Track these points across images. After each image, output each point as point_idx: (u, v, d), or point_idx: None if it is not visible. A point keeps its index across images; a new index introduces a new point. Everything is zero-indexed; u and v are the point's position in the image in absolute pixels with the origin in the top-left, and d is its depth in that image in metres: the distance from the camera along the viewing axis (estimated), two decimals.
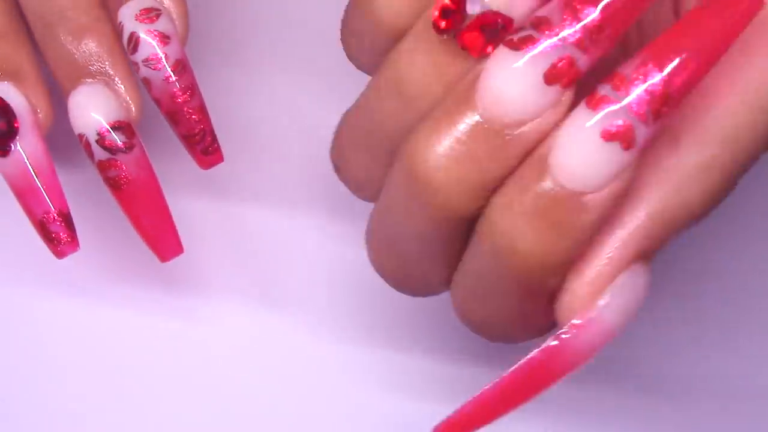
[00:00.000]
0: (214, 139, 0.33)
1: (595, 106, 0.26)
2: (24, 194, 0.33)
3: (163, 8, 0.33)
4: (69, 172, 0.37)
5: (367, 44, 0.30)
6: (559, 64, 0.26)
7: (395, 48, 0.29)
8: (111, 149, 0.32)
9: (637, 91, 0.26)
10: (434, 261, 0.30)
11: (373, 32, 0.29)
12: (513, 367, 0.27)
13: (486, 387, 0.28)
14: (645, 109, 0.26)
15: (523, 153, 0.27)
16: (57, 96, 0.34)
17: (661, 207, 0.27)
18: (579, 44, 0.26)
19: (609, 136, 0.26)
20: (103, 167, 0.33)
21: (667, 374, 0.38)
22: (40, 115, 0.33)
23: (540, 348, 0.27)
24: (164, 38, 0.32)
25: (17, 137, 0.33)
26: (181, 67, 0.33)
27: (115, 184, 0.33)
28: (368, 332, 0.39)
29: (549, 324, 0.29)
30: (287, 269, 0.39)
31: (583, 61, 0.27)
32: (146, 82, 0.33)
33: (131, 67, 0.33)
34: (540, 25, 0.27)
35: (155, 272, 0.39)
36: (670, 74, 0.26)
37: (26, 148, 0.33)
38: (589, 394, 0.37)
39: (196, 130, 0.33)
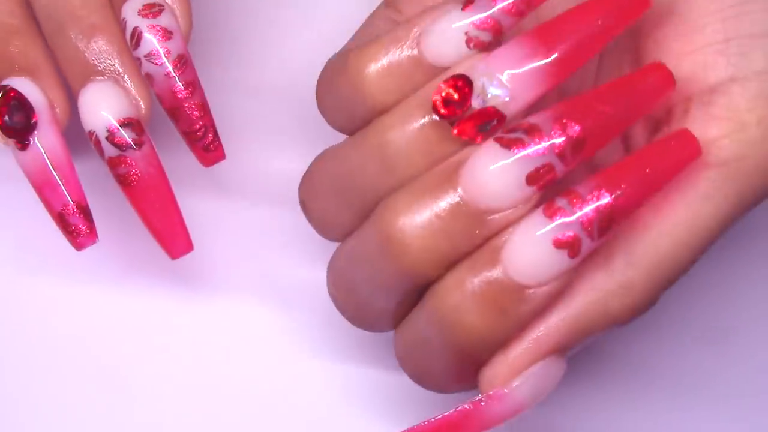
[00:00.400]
0: (216, 136, 0.33)
1: (551, 215, 0.29)
2: (43, 187, 0.33)
3: (166, 4, 0.33)
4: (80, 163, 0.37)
5: (346, 110, 0.32)
6: (541, 170, 0.29)
7: (385, 117, 0.31)
8: (121, 146, 0.32)
9: (589, 209, 0.29)
10: (387, 309, 0.32)
11: (357, 103, 0.32)
12: (430, 420, 0.31)
13: (407, 430, 0.31)
14: (593, 226, 0.29)
15: (489, 236, 0.30)
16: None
17: (583, 312, 0.30)
18: (561, 155, 0.29)
19: (559, 244, 0.29)
20: (113, 164, 0.33)
21: (667, 373, 0.40)
22: (57, 110, 0.33)
23: (456, 408, 0.30)
24: (166, 33, 0.33)
25: (36, 131, 0.33)
26: (183, 62, 0.33)
27: (125, 181, 0.33)
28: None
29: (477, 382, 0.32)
30: (291, 265, 0.40)
31: (560, 169, 0.30)
32: (148, 78, 0.33)
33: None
34: (531, 131, 0.29)
35: (161, 267, 0.39)
36: (616, 199, 0.29)
37: (44, 142, 0.33)
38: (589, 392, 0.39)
39: (197, 127, 0.33)
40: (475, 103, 0.30)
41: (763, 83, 0.30)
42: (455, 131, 0.30)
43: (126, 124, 0.33)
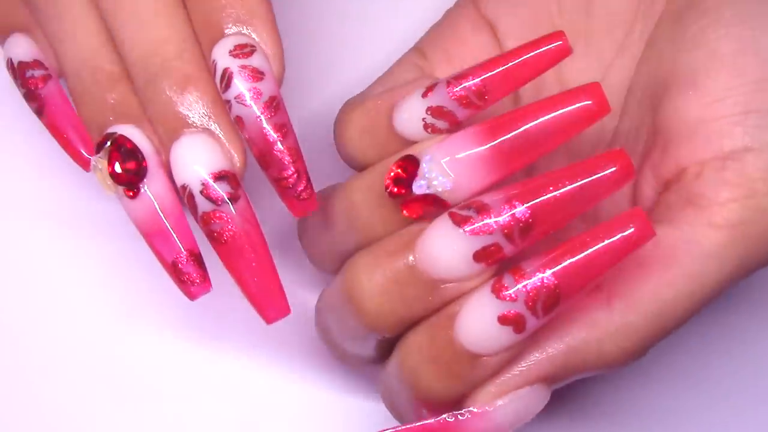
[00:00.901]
0: (309, 183, 0.31)
1: (497, 293, 0.30)
2: (154, 236, 0.32)
3: (258, 45, 0.32)
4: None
5: (343, 155, 0.34)
6: (489, 248, 0.30)
7: (354, 179, 0.33)
8: (215, 201, 0.31)
9: (531, 287, 0.30)
10: (362, 354, 0.34)
11: (348, 155, 0.34)
12: (412, 424, 0.32)
13: (386, 429, 0.32)
14: (536, 304, 0.30)
15: (442, 303, 0.31)
16: None
17: (576, 348, 0.31)
18: (509, 236, 0.30)
19: (504, 320, 0.30)
20: (206, 220, 0.31)
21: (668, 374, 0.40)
22: (162, 157, 0.32)
23: (437, 418, 0.31)
24: (258, 74, 0.31)
25: (145, 178, 0.32)
26: (275, 105, 0.31)
27: (218, 239, 0.31)
28: None
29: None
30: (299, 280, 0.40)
31: (508, 249, 0.30)
32: (238, 121, 0.31)
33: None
34: (481, 210, 0.30)
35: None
36: (559, 279, 0.30)
37: (154, 189, 0.32)
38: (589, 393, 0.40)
39: (290, 173, 0.31)
40: (418, 188, 0.31)
41: None
42: (403, 211, 0.32)
43: (221, 177, 0.31)
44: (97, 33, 0.32)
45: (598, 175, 0.30)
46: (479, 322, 0.31)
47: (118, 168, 0.31)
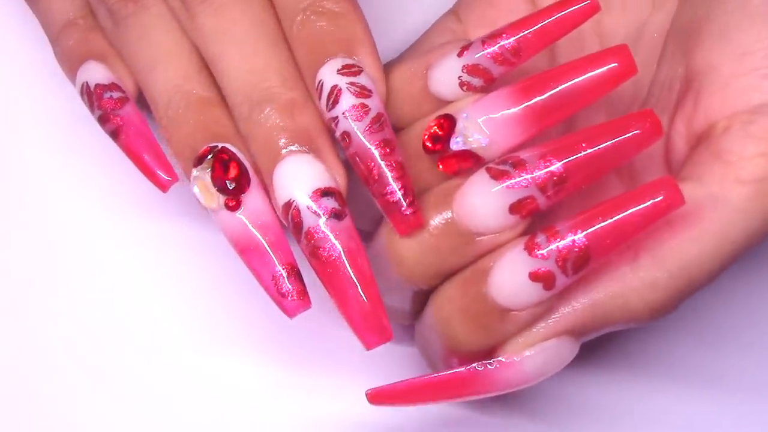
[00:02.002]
0: (415, 199, 0.32)
1: (530, 250, 0.31)
2: (251, 252, 0.32)
3: (363, 68, 0.32)
4: None
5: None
6: (524, 201, 0.31)
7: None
8: (322, 215, 0.31)
9: (563, 246, 0.31)
10: (400, 307, 0.35)
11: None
12: (443, 372, 0.33)
13: (418, 376, 0.33)
14: (567, 263, 0.31)
15: (477, 256, 0.32)
16: None
17: (602, 301, 0.32)
18: (543, 189, 0.31)
19: (535, 277, 0.31)
20: (310, 236, 0.31)
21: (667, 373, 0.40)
22: (259, 178, 0.33)
23: (467, 367, 0.32)
24: (365, 91, 0.32)
25: (246, 192, 0.32)
26: (382, 121, 0.32)
27: (321, 255, 0.31)
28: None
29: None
30: None
31: (542, 202, 0.31)
32: (345, 137, 0.32)
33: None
34: (518, 165, 0.31)
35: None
36: (590, 240, 0.31)
37: (253, 204, 0.32)
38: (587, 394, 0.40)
39: (396, 188, 0.31)
40: (456, 144, 0.32)
41: None
42: (440, 166, 0.33)
43: (327, 193, 0.32)
44: (189, 60, 0.33)
45: (629, 134, 0.31)
46: (511, 277, 0.32)
47: (219, 180, 0.32)
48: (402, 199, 0.32)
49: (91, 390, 0.39)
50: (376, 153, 0.31)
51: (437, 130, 0.33)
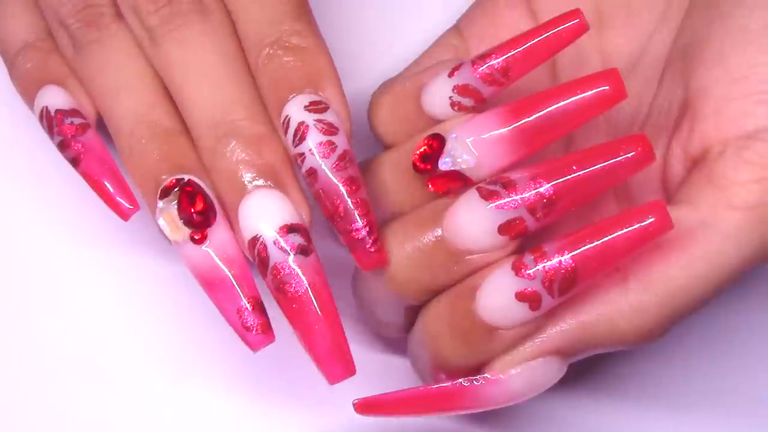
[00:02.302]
0: (379, 237, 0.32)
1: (517, 270, 0.31)
2: (216, 285, 0.32)
3: (329, 105, 0.33)
4: None
5: (376, 136, 0.35)
6: (513, 222, 0.31)
7: (382, 157, 0.35)
8: (289, 251, 0.31)
9: (550, 267, 0.31)
10: (392, 321, 0.36)
11: (378, 137, 0.35)
12: (431, 385, 0.33)
13: (406, 389, 0.33)
14: (553, 284, 0.31)
15: (467, 274, 0.33)
16: None
17: (589, 324, 0.32)
18: (532, 211, 0.31)
19: (521, 297, 0.31)
20: (276, 271, 0.31)
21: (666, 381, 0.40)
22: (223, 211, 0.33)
23: (454, 381, 0.32)
24: (332, 128, 0.32)
25: (212, 225, 0.32)
26: (348, 158, 0.32)
27: (287, 291, 0.31)
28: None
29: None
30: None
31: (531, 223, 0.31)
32: (311, 173, 0.32)
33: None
34: (508, 186, 0.31)
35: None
36: (577, 262, 0.31)
37: (218, 237, 0.32)
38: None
39: (360, 225, 0.32)
40: (444, 165, 0.33)
41: None
42: (429, 186, 0.33)
43: (293, 229, 0.32)
44: (153, 89, 0.33)
45: (620, 158, 0.31)
46: (498, 296, 0.32)
47: (185, 213, 0.32)
48: (367, 237, 0.32)
49: (59, 420, 0.39)
50: (343, 190, 0.32)
51: (427, 150, 0.33)
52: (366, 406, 0.33)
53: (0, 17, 0.36)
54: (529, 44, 0.33)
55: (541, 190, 0.31)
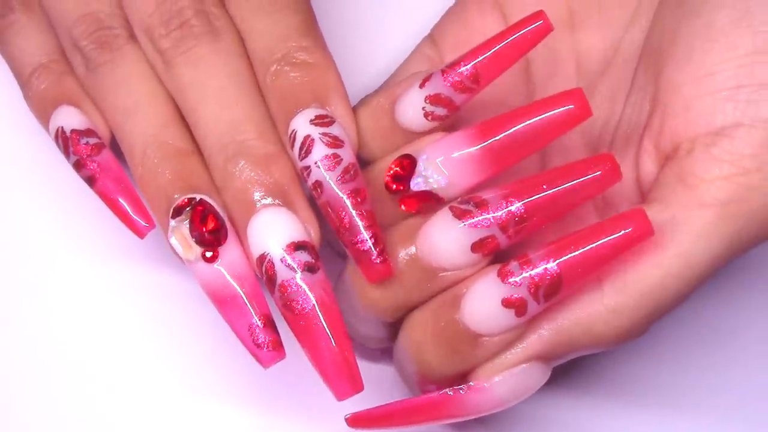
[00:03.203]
0: (385, 248, 0.32)
1: (503, 277, 0.32)
2: (227, 303, 0.32)
3: (335, 118, 0.33)
4: None
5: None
6: (485, 240, 0.32)
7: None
8: (296, 269, 0.32)
9: (535, 274, 0.31)
10: (372, 335, 0.36)
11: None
12: (419, 396, 0.34)
13: (394, 402, 0.34)
14: (539, 291, 0.31)
15: (440, 290, 0.33)
16: None
17: (568, 327, 0.32)
18: (504, 228, 0.32)
19: (507, 304, 0.32)
20: (284, 289, 0.32)
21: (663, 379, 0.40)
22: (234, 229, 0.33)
23: (440, 392, 0.33)
24: (337, 142, 0.32)
25: (223, 244, 0.32)
26: (353, 171, 0.32)
27: (295, 308, 0.32)
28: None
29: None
30: None
31: (503, 241, 0.32)
32: (317, 186, 0.32)
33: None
34: (480, 205, 0.32)
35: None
36: (562, 268, 0.31)
37: (230, 255, 0.32)
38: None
39: (365, 236, 0.32)
40: (415, 185, 0.33)
41: None
42: (401, 206, 0.34)
43: (301, 247, 0.32)
44: (165, 109, 0.34)
45: (588, 177, 0.32)
46: (484, 303, 0.32)
47: (197, 232, 0.32)
48: (372, 248, 0.32)
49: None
50: (348, 202, 0.32)
51: (398, 171, 0.33)
52: (357, 421, 0.34)
53: (13, 38, 0.37)
54: (495, 49, 0.33)
55: (512, 208, 0.32)
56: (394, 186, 0.33)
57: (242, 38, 0.34)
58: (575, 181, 0.32)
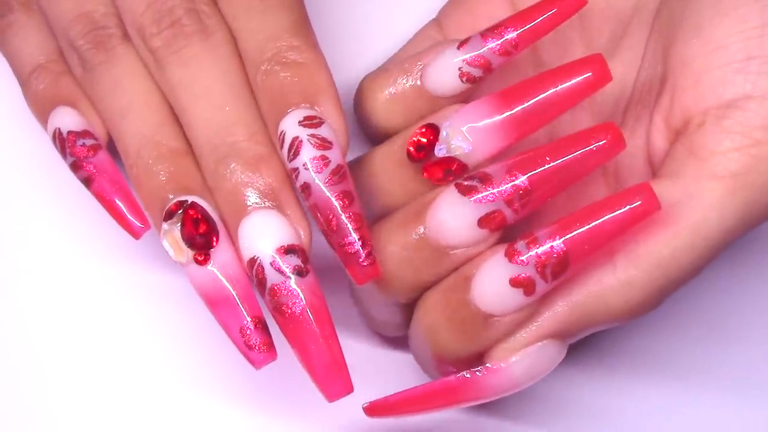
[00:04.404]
0: (372, 250, 0.32)
1: (510, 257, 0.32)
2: (219, 304, 0.32)
3: (324, 119, 0.33)
4: None
5: (366, 127, 0.36)
6: (491, 215, 0.32)
7: (373, 151, 0.35)
8: (286, 272, 0.32)
9: (542, 252, 0.31)
10: (387, 319, 0.36)
11: (371, 124, 0.36)
12: (436, 381, 0.34)
13: (411, 388, 0.34)
14: (546, 269, 0.31)
15: (451, 269, 0.33)
16: None
17: (583, 303, 0.32)
18: (509, 203, 0.32)
19: (515, 284, 0.32)
20: (274, 293, 0.32)
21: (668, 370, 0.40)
22: (226, 230, 0.33)
23: (457, 375, 0.33)
24: (326, 143, 0.32)
25: (215, 246, 0.32)
26: (342, 173, 0.32)
27: (285, 311, 0.32)
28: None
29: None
30: None
31: (509, 215, 0.32)
32: (305, 188, 0.32)
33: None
34: (485, 180, 0.32)
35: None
36: (568, 246, 0.31)
37: (222, 257, 0.32)
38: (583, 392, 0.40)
39: (353, 238, 0.32)
40: (440, 152, 0.33)
41: None
42: (424, 174, 0.34)
43: (291, 251, 0.32)
44: (160, 110, 0.34)
45: (591, 147, 0.32)
46: (492, 283, 0.32)
47: (188, 234, 0.32)
48: (360, 250, 0.32)
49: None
50: (336, 204, 0.32)
51: (421, 139, 0.33)
52: (375, 409, 0.34)
53: (13, 38, 0.37)
54: (539, 20, 0.34)
55: (517, 182, 0.32)
56: (416, 155, 0.34)
57: (234, 37, 0.34)
58: (579, 152, 0.32)
